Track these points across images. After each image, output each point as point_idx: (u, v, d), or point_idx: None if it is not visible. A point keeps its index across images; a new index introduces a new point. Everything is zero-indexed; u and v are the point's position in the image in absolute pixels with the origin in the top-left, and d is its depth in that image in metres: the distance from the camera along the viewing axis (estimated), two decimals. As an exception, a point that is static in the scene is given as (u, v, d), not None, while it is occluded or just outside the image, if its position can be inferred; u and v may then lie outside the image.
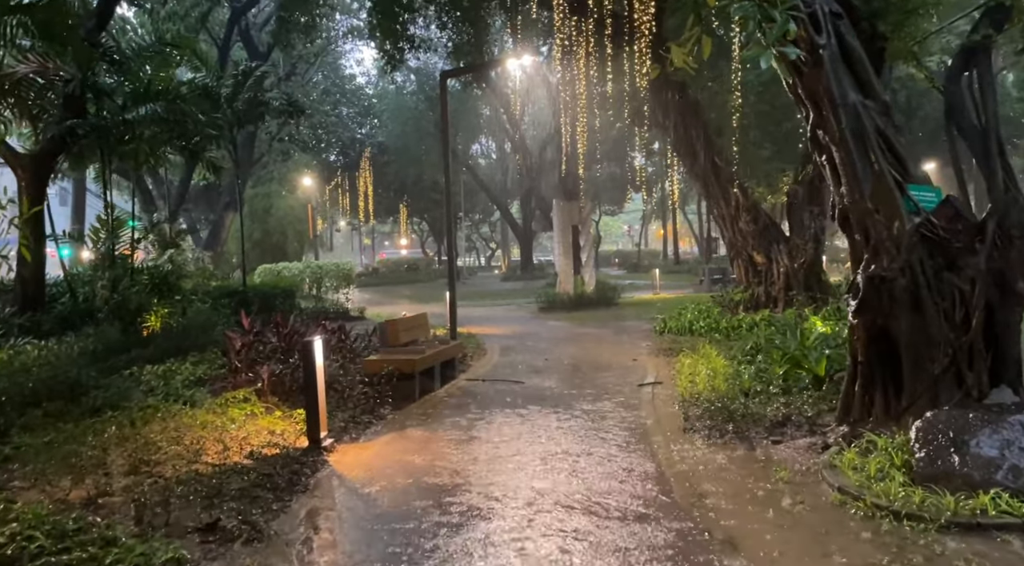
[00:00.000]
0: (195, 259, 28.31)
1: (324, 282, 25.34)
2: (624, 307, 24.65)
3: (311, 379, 7.13)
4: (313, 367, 7.11)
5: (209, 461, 6.46)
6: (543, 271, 46.84)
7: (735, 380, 9.90)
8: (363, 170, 48.36)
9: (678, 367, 11.99)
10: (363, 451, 7.37)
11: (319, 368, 7.18)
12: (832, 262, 29.05)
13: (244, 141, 29.60)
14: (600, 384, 11.02)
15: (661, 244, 70.65)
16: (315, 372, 7.11)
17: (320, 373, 7.20)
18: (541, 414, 8.91)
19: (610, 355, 14.25)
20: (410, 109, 49.10)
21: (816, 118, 6.91)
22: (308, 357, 7.14)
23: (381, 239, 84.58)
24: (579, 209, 25.74)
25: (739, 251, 16.55)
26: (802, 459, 6.56)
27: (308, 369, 7.17)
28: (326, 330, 12.03)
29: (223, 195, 31.10)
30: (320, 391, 7.19)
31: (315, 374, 7.11)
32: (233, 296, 20.50)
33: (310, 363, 7.12)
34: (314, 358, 7.10)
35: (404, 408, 9.47)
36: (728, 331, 14.98)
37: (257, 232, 35.59)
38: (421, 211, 56.08)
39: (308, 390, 7.17)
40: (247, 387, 8.85)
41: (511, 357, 14.28)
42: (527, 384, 11.15)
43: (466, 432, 8.07)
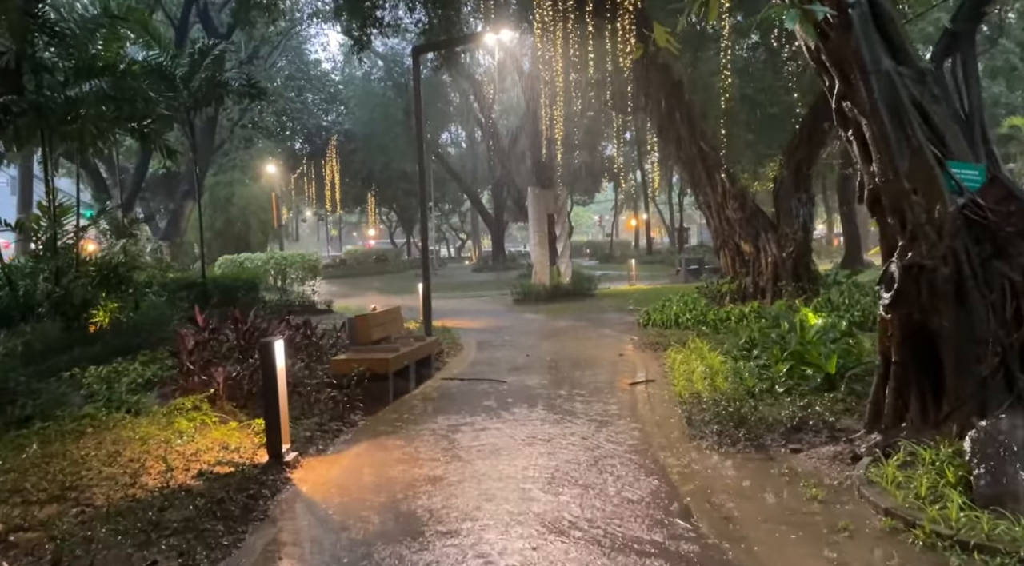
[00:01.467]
0: (153, 250, 27.05)
1: (289, 274, 24.24)
2: (601, 298, 23.91)
3: (271, 385, 6.22)
4: (273, 371, 6.20)
5: (149, 484, 5.52)
6: (515, 262, 46.04)
7: (736, 378, 9.17)
8: (329, 158, 47.05)
9: (669, 363, 11.26)
10: (332, 466, 6.47)
11: (280, 372, 6.27)
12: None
13: (204, 126, 28.29)
14: (589, 383, 10.22)
15: (632, 235, 70.27)
16: (276, 377, 6.20)
17: (282, 378, 6.29)
18: (529, 419, 8.08)
19: (594, 350, 13.47)
20: (378, 96, 47.88)
21: (843, 87, 6.14)
22: (268, 360, 6.22)
23: (348, 230, 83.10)
24: (555, 197, 24.93)
25: (726, 240, 15.86)
26: (830, 471, 5.81)
27: (268, 374, 6.25)
28: (290, 326, 11.08)
29: (182, 183, 29.77)
30: (282, 398, 6.28)
31: (276, 379, 6.20)
32: (192, 289, 19.42)
33: (270, 367, 6.20)
34: (274, 361, 6.19)
35: (377, 413, 8.58)
36: (716, 324, 14.29)
37: (219, 222, 34.28)
38: (389, 201, 54.90)
39: (268, 397, 6.25)
40: (200, 392, 7.89)
41: (489, 353, 13.44)
42: (510, 383, 10.31)
43: (447, 441, 7.22)
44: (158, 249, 27.06)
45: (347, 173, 48.49)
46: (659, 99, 15.90)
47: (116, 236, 16.54)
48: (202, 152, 27.95)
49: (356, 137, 47.70)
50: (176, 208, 29.74)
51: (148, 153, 25.85)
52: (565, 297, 23.63)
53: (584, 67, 16.79)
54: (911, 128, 5.85)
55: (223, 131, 32.50)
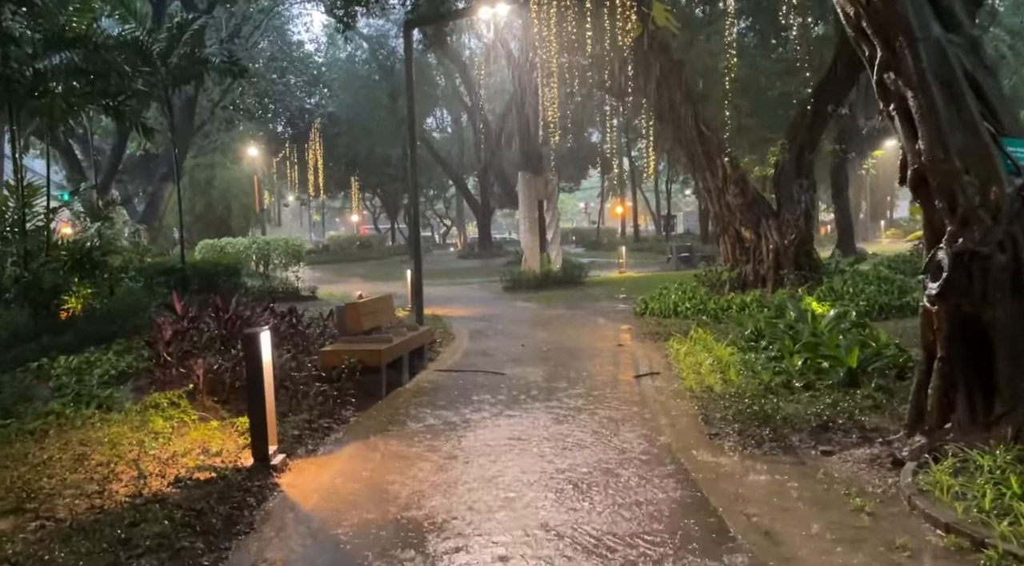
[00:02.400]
0: (131, 234, 26.22)
1: (272, 259, 23.53)
2: (592, 286, 23.43)
3: (256, 381, 5.64)
4: (259, 366, 5.61)
5: (120, 493, 4.94)
6: (502, 249, 45.44)
7: (748, 372, 8.69)
8: (312, 142, 46.14)
9: (672, 354, 10.78)
10: (323, 469, 5.91)
11: (266, 366, 5.69)
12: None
13: (183, 106, 27.43)
14: (590, 375, 9.70)
15: (618, 222, 69.83)
16: (261, 372, 5.61)
17: (268, 373, 5.71)
18: (532, 415, 7.55)
19: (592, 340, 12.97)
20: (362, 78, 47.01)
21: (887, 57, 5.60)
22: (252, 353, 5.63)
23: (331, 215, 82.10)
24: (545, 183, 24.35)
25: (726, 227, 15.37)
26: (870, 478, 5.32)
27: (252, 368, 5.66)
28: (275, 314, 10.48)
29: (161, 165, 28.90)
30: (268, 395, 5.70)
31: (261, 374, 5.62)
32: (170, 274, 18.71)
33: (255, 361, 5.61)
34: (260, 354, 5.60)
35: (369, 408, 8.01)
36: (717, 313, 13.82)
37: (199, 205, 33.41)
38: (373, 186, 54.02)
39: (252, 394, 5.67)
40: (178, 386, 7.30)
41: (483, 343, 12.90)
42: (508, 375, 9.78)
43: (447, 441, 6.67)
44: (136, 233, 26.22)
45: (330, 157, 47.62)
46: (658, 80, 15.33)
47: (91, 219, 15.82)
48: (181, 133, 27.10)
49: (340, 120, 46.79)
50: (154, 191, 28.88)
51: (125, 133, 25.02)
52: (555, 285, 23.14)
53: (580, 47, 16.17)
54: (963, 101, 5.34)
55: (203, 112, 31.61)
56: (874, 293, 13.57)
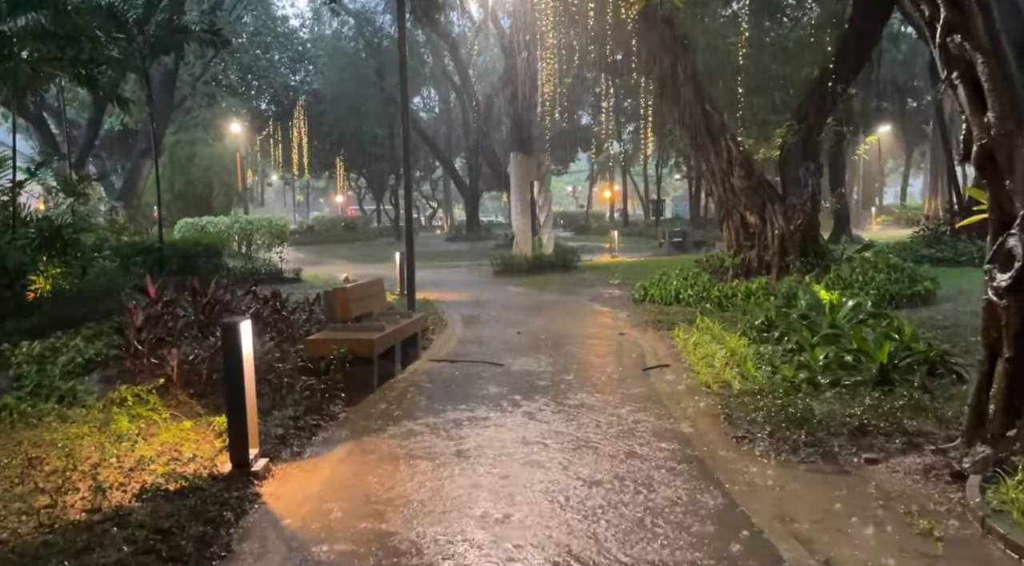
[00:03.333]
0: (107, 211, 25.30)
1: (255, 239, 22.73)
2: (585, 271, 22.82)
3: (236, 377, 4.96)
4: (239, 359, 4.94)
5: (75, 508, 4.27)
6: (490, 232, 44.70)
7: (766, 366, 8.10)
8: (297, 120, 45.08)
9: (680, 345, 10.18)
10: (310, 476, 5.25)
11: (247, 360, 5.01)
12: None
13: (163, 79, 26.44)
14: (595, 366, 9.10)
15: (605, 206, 69.23)
16: (242, 367, 4.94)
17: (249, 367, 5.03)
18: (538, 413, 6.92)
19: (591, 328, 12.36)
20: (348, 55, 45.86)
21: (952, 17, 4.96)
22: (232, 345, 4.95)
23: (315, 195, 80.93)
24: (538, 164, 23.63)
25: (730, 211, 14.75)
26: (929, 492, 4.74)
27: (232, 362, 4.99)
28: (257, 298, 9.77)
29: (139, 140, 27.90)
30: (249, 393, 5.03)
31: (241, 369, 4.94)
32: (147, 254, 17.91)
33: (234, 353, 4.94)
34: (240, 346, 4.93)
35: (360, 403, 7.36)
36: (721, 301, 13.24)
37: (179, 183, 32.40)
38: (359, 166, 52.97)
39: (231, 392, 5.00)
40: (149, 378, 6.61)
41: (477, 330, 12.26)
42: (507, 366, 9.15)
43: (448, 442, 6.03)
44: (112, 210, 25.31)
45: (315, 136, 46.56)
46: (661, 56, 14.64)
47: (65, 194, 15.03)
48: (161, 107, 26.12)
49: (325, 98, 45.71)
50: (133, 167, 27.88)
51: (102, 106, 24.04)
52: (547, 269, 22.52)
53: (578, 21, 15.44)
54: (1041, 69, 4.71)
55: (184, 86, 30.54)
56: (884, 282, 13.04)
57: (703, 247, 30.25)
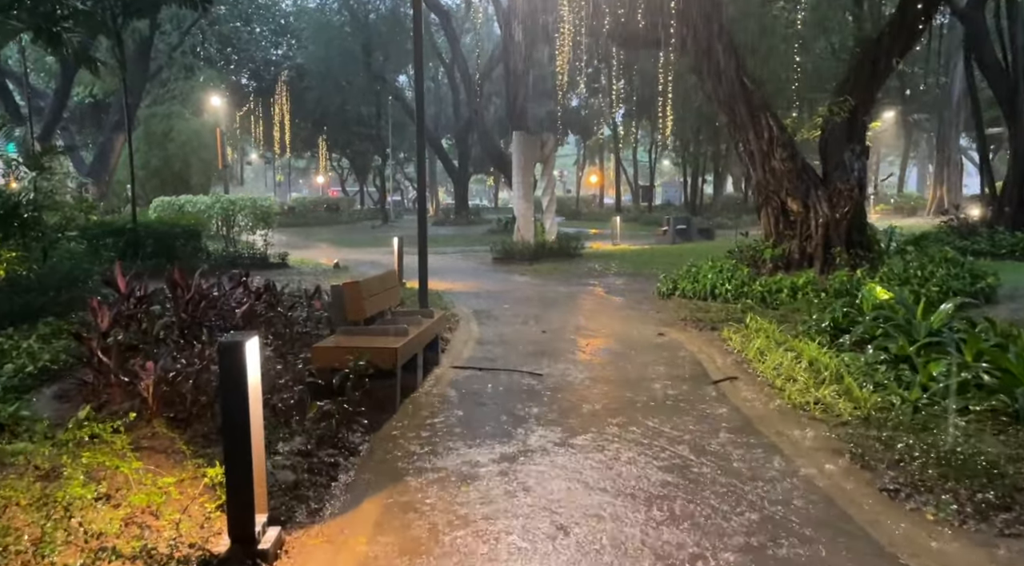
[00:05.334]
0: (77, 188, 23.53)
1: (237, 221, 21.07)
2: (590, 259, 21.45)
3: (238, 419, 3.50)
4: (242, 394, 3.47)
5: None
6: (479, 216, 43.19)
7: (868, 381, 6.75)
8: (279, 96, 43.22)
9: (737, 350, 8.86)
10: (339, 555, 3.79)
11: (254, 393, 3.54)
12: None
13: (138, 48, 24.60)
14: (648, 378, 7.71)
15: (594, 191, 67.93)
16: (246, 405, 3.48)
17: (256, 405, 3.57)
18: (604, 442, 5.52)
19: (621, 325, 10.98)
20: (333, 29, 43.98)
21: None
22: (233, 375, 3.47)
23: (296, 176, 78.77)
24: (542, 144, 22.13)
25: (769, 197, 13.37)
26: None
27: (233, 401, 3.51)
28: (248, 291, 8.28)
29: (112, 112, 26.05)
30: (256, 441, 3.57)
31: (246, 409, 3.48)
32: (119, 235, 16.32)
33: (237, 387, 3.46)
34: (244, 376, 3.45)
35: (383, 427, 5.91)
36: (764, 297, 11.91)
37: (155, 159, 30.53)
38: (343, 145, 51.14)
39: (232, 441, 3.53)
40: (119, 400, 5.12)
41: (495, 328, 10.84)
42: (545, 376, 7.74)
43: (504, 489, 4.61)
44: (82, 187, 23.53)
45: (298, 113, 44.79)
46: (697, 24, 13.21)
47: (27, 168, 13.43)
48: (135, 77, 24.29)
49: (308, 74, 43.83)
50: (104, 141, 26.06)
51: (70, 74, 22.19)
52: (550, 256, 21.15)
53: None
54: None
55: (160, 56, 28.69)
56: (944, 277, 11.76)
57: (707, 235, 29.02)
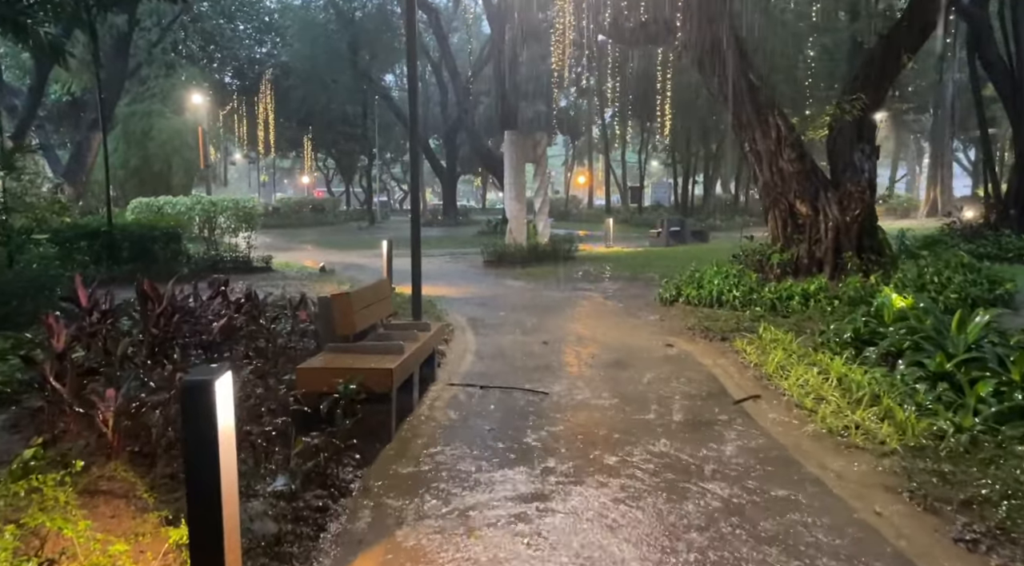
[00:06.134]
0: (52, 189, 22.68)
1: (219, 222, 20.31)
2: (584, 262, 20.85)
3: (206, 478, 2.83)
4: (211, 450, 2.80)
5: None
6: (467, 217, 42.53)
7: (909, 403, 6.16)
8: (263, 95, 42.38)
9: (753, 363, 8.28)
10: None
11: (226, 447, 2.88)
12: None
13: (116, 43, 23.77)
14: (663, 395, 7.10)
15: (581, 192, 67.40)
16: (216, 463, 2.81)
17: (230, 463, 2.91)
18: (630, 482, 4.89)
19: (626, 335, 10.36)
20: (319, 27, 43.17)
21: None
22: (199, 423, 2.81)
23: (280, 176, 77.79)
24: (534, 144, 21.52)
25: (777, 199, 12.81)
26: None
27: (199, 455, 2.85)
28: (227, 301, 7.59)
29: (90, 111, 25.18)
30: (228, 499, 2.91)
31: (216, 469, 2.81)
32: (94, 239, 15.53)
33: (204, 439, 2.80)
34: (213, 425, 2.79)
35: (377, 460, 5.26)
36: (774, 304, 11.33)
37: (134, 159, 29.65)
38: (328, 145, 50.31)
39: (198, 508, 2.86)
40: (75, 435, 4.44)
41: (491, 337, 10.21)
42: (550, 395, 7.11)
43: (517, 538, 3.98)
44: (57, 188, 22.67)
45: (282, 112, 43.96)
46: (700, 19, 12.63)
47: (3, 168, 12.70)
48: (113, 73, 23.48)
49: (293, 73, 43.01)
50: (81, 140, 25.19)
51: (45, 70, 21.34)
52: (543, 259, 20.56)
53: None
54: None
55: (139, 53, 27.82)
56: (962, 283, 11.24)
57: (701, 237, 28.52)
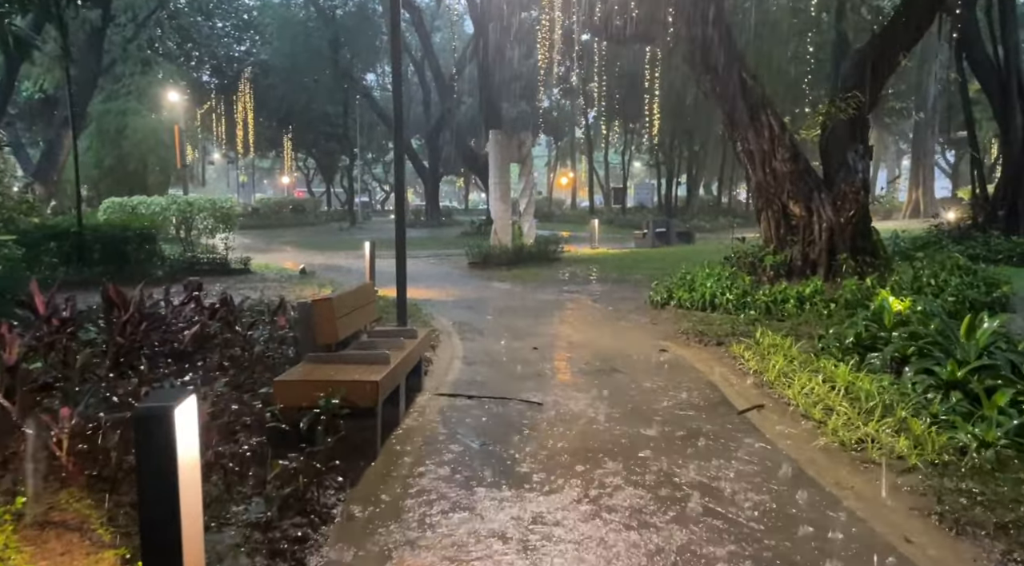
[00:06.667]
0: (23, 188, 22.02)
1: (196, 223, 19.76)
2: (570, 263, 20.52)
3: (163, 530, 2.42)
4: (170, 491, 2.39)
5: None
6: (451, 218, 42.11)
7: (922, 412, 5.85)
8: (242, 94, 41.74)
9: (752, 369, 7.97)
10: None
11: (187, 487, 2.47)
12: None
13: (89, 39, 23.14)
14: (662, 405, 6.74)
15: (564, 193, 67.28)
16: (176, 505, 2.40)
17: (193, 502, 2.49)
18: (638, 503, 4.52)
19: (617, 340, 10.01)
20: (299, 25, 42.60)
21: None
22: (155, 460, 2.40)
23: (260, 176, 76.91)
24: (519, 144, 21.15)
25: (770, 199, 12.51)
26: None
27: (155, 500, 2.43)
28: (200, 306, 7.15)
29: (63, 109, 24.51)
30: (191, 550, 2.49)
31: (176, 510, 2.40)
32: (63, 239, 14.97)
33: (161, 481, 2.39)
34: (172, 467, 2.38)
35: (361, 480, 4.85)
36: (769, 308, 11.04)
37: (109, 158, 28.92)
38: (308, 145, 49.67)
39: (155, 557, 2.45)
40: (27, 457, 4.01)
41: (479, 342, 9.84)
42: (544, 406, 6.73)
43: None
44: (28, 187, 22.03)
45: (261, 112, 43.33)
46: (693, 16, 12.32)
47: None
48: (85, 69, 22.85)
49: (273, 71, 42.39)
50: (53, 138, 24.51)
51: (15, 65, 20.69)
52: (529, 261, 20.20)
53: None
54: None
55: (114, 49, 27.15)
56: (959, 286, 11.00)
57: (686, 238, 28.29)
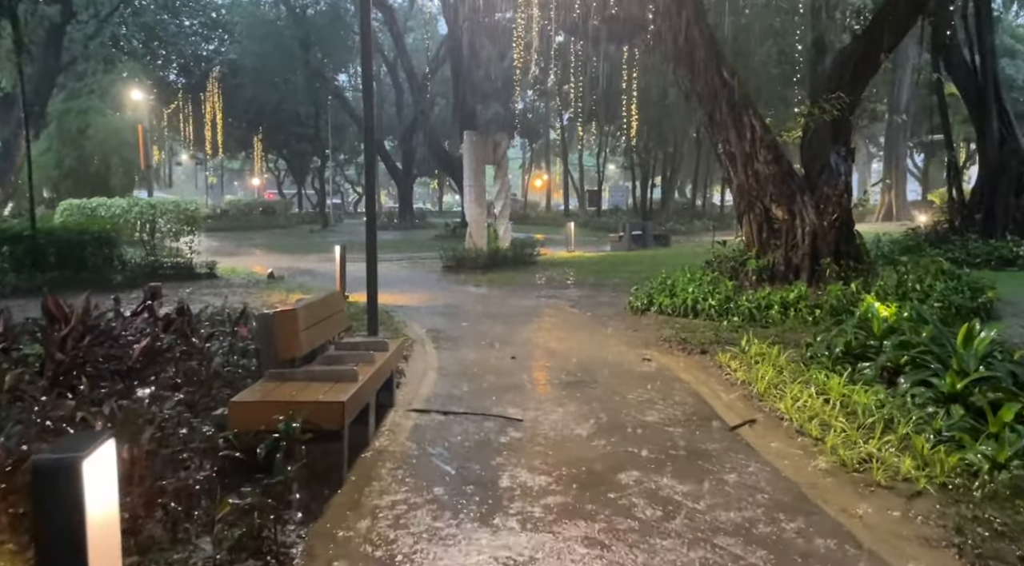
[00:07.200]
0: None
1: (160, 226, 19.09)
2: (547, 267, 20.16)
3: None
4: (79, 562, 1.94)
5: None
6: (424, 220, 41.58)
7: (925, 428, 5.52)
8: (210, 93, 40.88)
9: (739, 380, 7.64)
10: None
11: (101, 552, 2.01)
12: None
13: (48, 35, 22.35)
14: (647, 422, 6.35)
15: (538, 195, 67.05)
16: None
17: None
18: (633, 538, 4.12)
19: (598, 349, 9.61)
20: (269, 24, 41.86)
21: None
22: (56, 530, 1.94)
23: (230, 177, 75.77)
24: (495, 146, 20.74)
25: (752, 202, 12.22)
26: None
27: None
28: (154, 317, 6.64)
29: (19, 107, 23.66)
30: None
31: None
32: (16, 243, 14.30)
33: (71, 555, 1.93)
34: (81, 532, 1.92)
35: (326, 513, 4.39)
36: (753, 314, 10.73)
37: (69, 158, 28.04)
38: (279, 146, 48.89)
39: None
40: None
41: (455, 352, 9.39)
42: (524, 422, 6.31)
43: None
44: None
45: (231, 112, 42.49)
46: (672, 15, 12.00)
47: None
48: (44, 67, 22.06)
49: (242, 71, 41.60)
50: (9, 138, 23.66)
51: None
52: (505, 265, 19.81)
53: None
54: None
55: (75, 46, 26.31)
56: (945, 291, 10.78)
57: (663, 241, 28.07)
